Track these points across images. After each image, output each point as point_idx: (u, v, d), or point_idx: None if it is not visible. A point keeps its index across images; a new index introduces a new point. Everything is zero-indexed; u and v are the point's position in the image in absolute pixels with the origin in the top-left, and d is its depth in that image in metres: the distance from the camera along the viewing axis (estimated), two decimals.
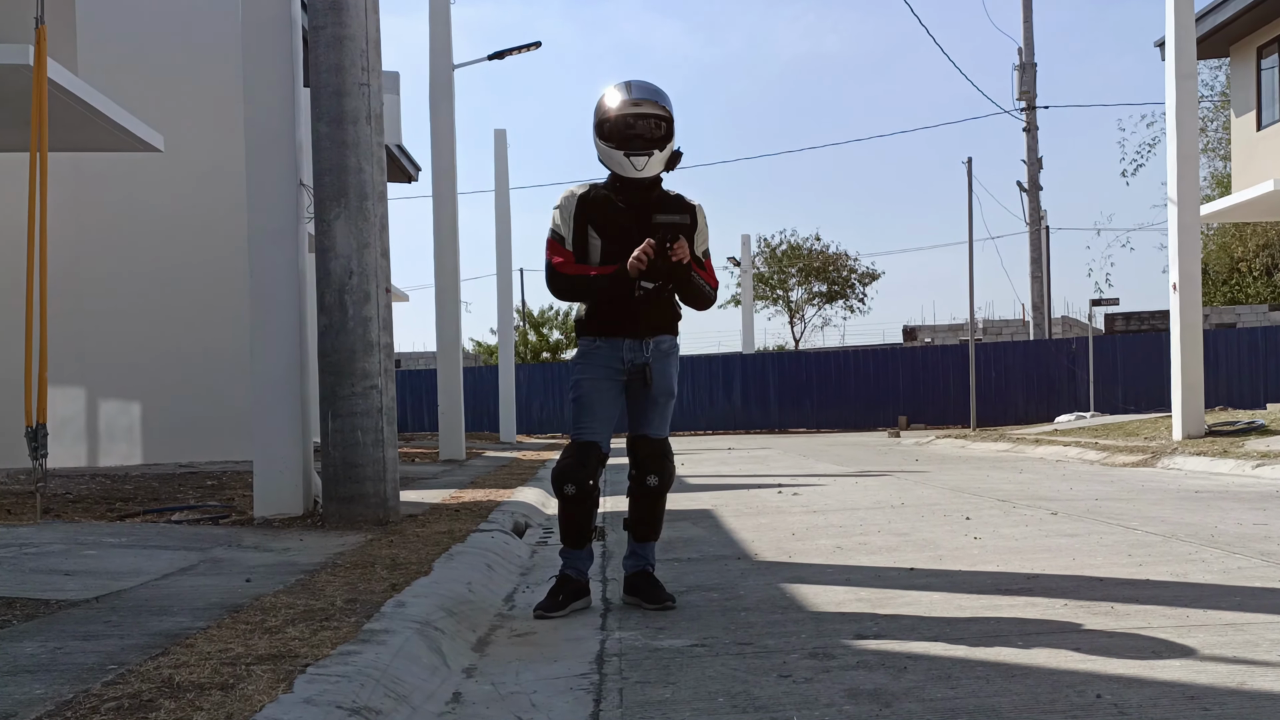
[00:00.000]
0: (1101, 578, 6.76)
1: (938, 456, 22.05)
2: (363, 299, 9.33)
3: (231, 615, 5.33)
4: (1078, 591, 6.32)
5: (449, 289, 21.98)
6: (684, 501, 12.65)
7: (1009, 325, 55.24)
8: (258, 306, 9.93)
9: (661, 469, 6.40)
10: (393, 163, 31.03)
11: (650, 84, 6.32)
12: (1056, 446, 21.46)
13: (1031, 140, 45.25)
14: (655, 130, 6.23)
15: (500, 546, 8.30)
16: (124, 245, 20.11)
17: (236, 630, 4.95)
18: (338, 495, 9.34)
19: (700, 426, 42.80)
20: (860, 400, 42.37)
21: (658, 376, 6.32)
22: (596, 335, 6.34)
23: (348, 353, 9.30)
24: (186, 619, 5.26)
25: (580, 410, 6.34)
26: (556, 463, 6.37)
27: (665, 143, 6.25)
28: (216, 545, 8.03)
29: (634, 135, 6.22)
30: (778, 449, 27.01)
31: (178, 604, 5.67)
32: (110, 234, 20.05)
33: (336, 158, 9.36)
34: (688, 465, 20.19)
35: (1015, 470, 16.89)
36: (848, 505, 11.89)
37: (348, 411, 9.30)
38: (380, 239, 9.45)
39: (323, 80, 9.44)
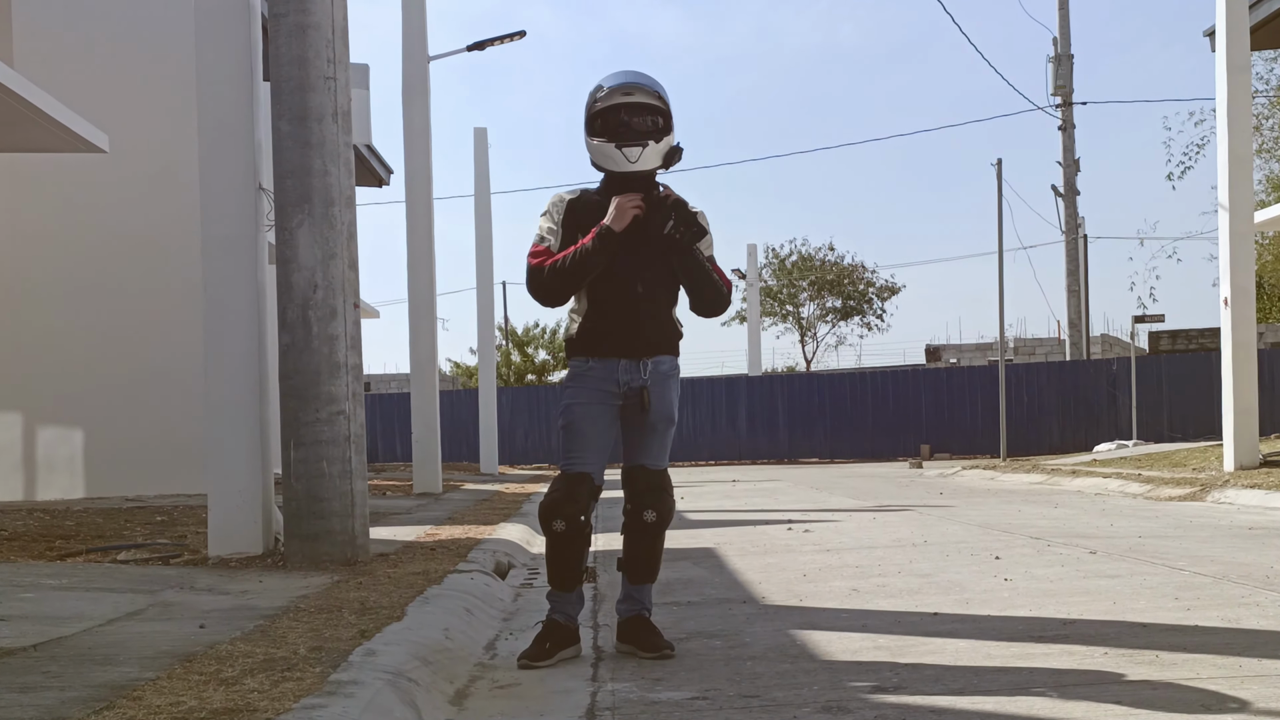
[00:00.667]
0: (1145, 623, 6.76)
1: (964, 489, 22.04)
2: (328, 315, 9.34)
3: (184, 665, 5.32)
4: (1119, 638, 6.32)
5: (424, 304, 21.99)
6: (684, 539, 12.65)
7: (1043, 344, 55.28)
8: (212, 323, 9.93)
9: (660, 503, 6.40)
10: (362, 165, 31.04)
11: (643, 73, 6.34)
12: (1095, 478, 21.45)
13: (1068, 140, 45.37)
14: (648, 121, 6.25)
15: (481, 589, 8.29)
16: (64, 255, 20.09)
17: (189, 681, 4.95)
18: (301, 532, 9.33)
19: (702, 456, 42.81)
20: (878, 427, 42.40)
21: (656, 401, 6.32)
22: (589, 355, 6.33)
23: (312, 375, 9.31)
24: (134, 669, 5.26)
25: (570, 438, 6.34)
26: (544, 496, 6.37)
27: (661, 135, 6.26)
28: (167, 587, 8.02)
29: (626, 126, 6.24)
30: (787, 481, 27.00)
31: (124, 652, 5.66)
32: (49, 243, 20.04)
33: (299, 159, 9.37)
34: (688, 499, 20.18)
35: (1050, 505, 16.89)
36: (864, 543, 11.89)
37: (312, 440, 9.30)
38: (348, 249, 9.46)
39: (284, 73, 9.45)
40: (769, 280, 67.03)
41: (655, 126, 6.24)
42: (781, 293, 67.86)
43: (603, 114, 6.26)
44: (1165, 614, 7.06)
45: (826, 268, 67.49)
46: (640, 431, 6.37)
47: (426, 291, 22.02)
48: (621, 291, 6.26)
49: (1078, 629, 6.66)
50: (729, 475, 31.73)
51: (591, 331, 6.32)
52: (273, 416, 10.04)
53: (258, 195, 9.95)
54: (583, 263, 6.19)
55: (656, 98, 6.24)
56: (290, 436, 9.34)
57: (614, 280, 6.25)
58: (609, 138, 6.25)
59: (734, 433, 43.28)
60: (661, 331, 6.36)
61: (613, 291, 6.27)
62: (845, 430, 42.66)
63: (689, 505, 18.56)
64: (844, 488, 23.16)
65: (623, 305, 6.27)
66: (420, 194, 22.27)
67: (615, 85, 6.24)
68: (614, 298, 6.27)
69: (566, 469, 6.32)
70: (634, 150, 6.22)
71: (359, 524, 9.45)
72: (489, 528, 12.93)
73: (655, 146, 6.23)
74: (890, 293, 68.00)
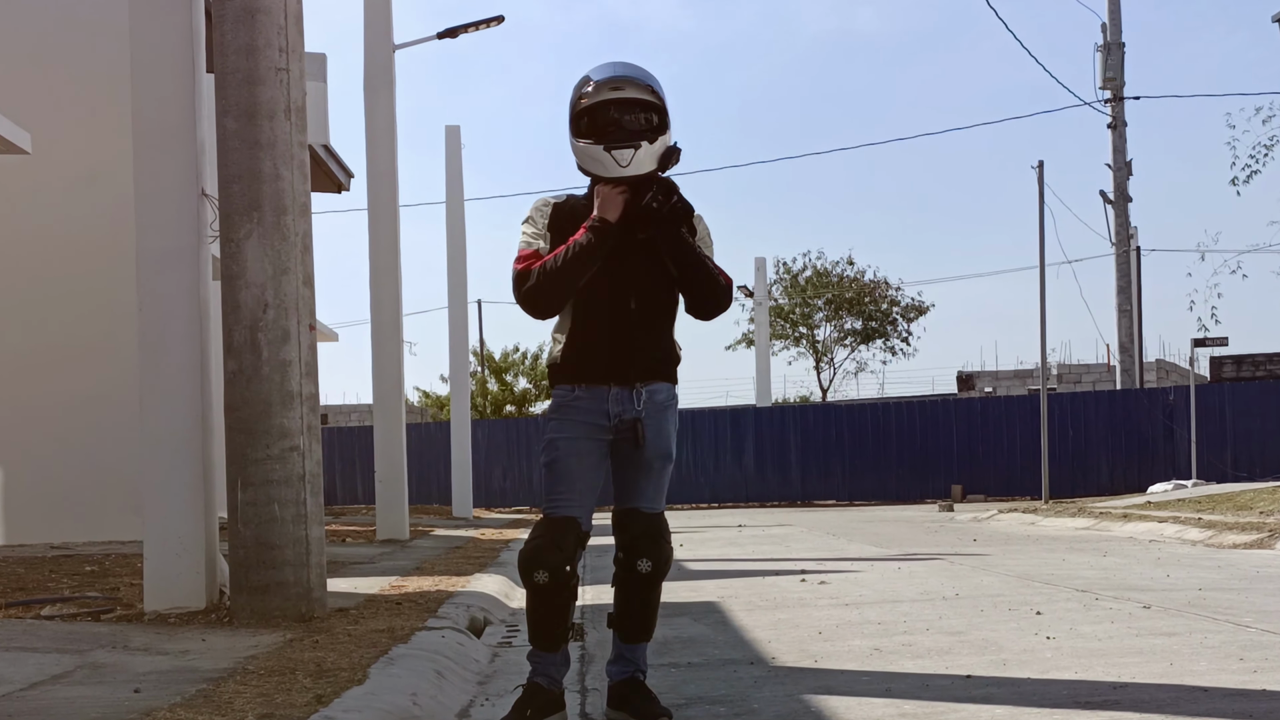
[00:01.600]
0: (1206, 688, 6.76)
1: (1001, 535, 22.04)
2: (280, 338, 9.35)
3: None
4: (1176, 705, 6.32)
5: (389, 325, 22.00)
6: (683, 592, 12.65)
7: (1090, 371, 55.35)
8: (148, 348, 9.93)
9: (656, 551, 6.39)
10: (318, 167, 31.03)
11: (634, 65, 6.33)
12: (1150, 523, 21.46)
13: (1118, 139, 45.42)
14: (641, 120, 6.25)
15: (453, 648, 8.29)
16: None
17: None
18: (249, 584, 9.33)
19: (704, 498, 42.79)
20: (904, 465, 42.37)
21: (652, 435, 6.32)
22: (575, 382, 6.33)
23: (262, 405, 9.32)
24: None
25: (554, 478, 6.33)
26: (525, 544, 6.36)
27: (655, 134, 6.25)
28: (98, 647, 8.01)
29: (616, 125, 6.23)
30: (800, 526, 26.99)
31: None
32: None
33: (248, 161, 9.39)
34: (688, 546, 20.18)
35: (1098, 553, 16.90)
36: (888, 596, 11.89)
37: (262, 479, 9.30)
38: (302, 263, 9.48)
39: (230, 64, 9.48)
40: (780, 299, 67.11)
41: (649, 125, 6.23)
42: (794, 313, 67.95)
43: (589, 112, 6.25)
44: (1229, 677, 7.07)
45: (845, 284, 67.58)
46: (633, 470, 6.37)
47: (392, 311, 22.03)
48: (612, 308, 6.25)
49: (1129, 694, 6.67)
50: (734, 519, 31.71)
51: (578, 355, 6.31)
52: (217, 453, 10.04)
53: (200, 202, 9.96)
54: (576, 260, 6.16)
55: (650, 92, 6.23)
56: (237, 475, 9.34)
57: (603, 295, 6.24)
58: (596, 139, 6.24)
59: (740, 471, 43.26)
60: (658, 355, 6.35)
61: (602, 308, 6.26)
62: (866, 469, 42.63)
63: (689, 553, 18.56)
64: (864, 534, 23.16)
65: (613, 324, 6.26)
66: (385, 200, 22.28)
67: (603, 79, 6.22)
68: (603, 315, 6.26)
69: (550, 512, 6.32)
70: (624, 153, 6.19)
71: (315, 575, 9.45)
72: (462, 579, 12.92)
73: (649, 148, 6.21)
74: (917, 313, 68.14)
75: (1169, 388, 42.73)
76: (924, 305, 68.65)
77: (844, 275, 68.07)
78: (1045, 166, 33.47)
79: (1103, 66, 45.02)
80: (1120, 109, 45.42)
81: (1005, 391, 53.83)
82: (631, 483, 6.38)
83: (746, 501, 42.67)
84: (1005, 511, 29.08)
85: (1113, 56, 45.01)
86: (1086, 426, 41.11)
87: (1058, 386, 52.25)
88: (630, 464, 6.35)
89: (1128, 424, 40.95)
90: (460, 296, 33.15)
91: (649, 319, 6.30)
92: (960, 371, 59.17)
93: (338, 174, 33.22)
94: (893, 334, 68.13)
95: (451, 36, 26.95)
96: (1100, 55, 45.10)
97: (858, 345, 68.63)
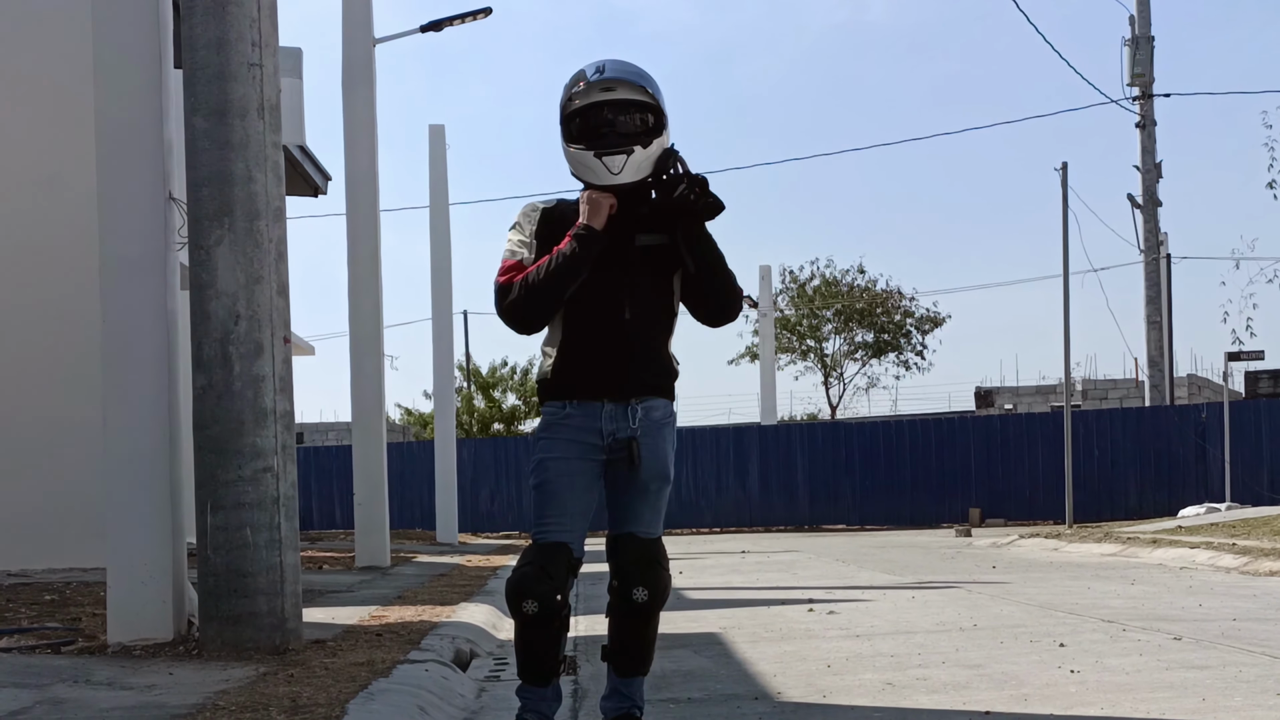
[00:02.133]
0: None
1: (1022, 562, 22.06)
2: (253, 352, 9.35)
3: None
4: None
5: (368, 338, 21.99)
6: (683, 622, 12.66)
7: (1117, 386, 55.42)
8: (112, 362, 9.94)
9: (653, 579, 6.39)
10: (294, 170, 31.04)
11: (627, 63, 6.34)
12: (1181, 549, 21.46)
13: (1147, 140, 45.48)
14: (636, 121, 6.26)
15: (437, 683, 8.29)
16: None
17: None
18: (220, 614, 9.33)
19: (704, 522, 42.77)
20: (918, 487, 42.37)
21: (648, 455, 6.32)
22: (566, 398, 6.34)
23: (233, 423, 9.32)
24: None
25: (545, 500, 6.34)
26: (512, 571, 6.37)
27: (650, 138, 6.26)
28: (58, 681, 8.01)
29: (609, 128, 6.24)
30: (808, 552, 27.00)
31: None
32: None
33: (218, 163, 9.40)
34: (688, 574, 20.19)
35: (1125, 581, 16.91)
36: (902, 627, 11.90)
37: (233, 502, 9.30)
38: (277, 271, 9.48)
39: (199, 59, 9.48)
40: (786, 309, 67.12)
41: (644, 127, 6.24)
42: (801, 324, 67.99)
43: (581, 114, 6.27)
44: (1265, 713, 7.08)
45: (855, 294, 67.64)
46: (629, 492, 6.37)
47: (372, 323, 22.02)
48: (605, 319, 6.26)
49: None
50: (737, 545, 31.72)
51: (569, 369, 6.32)
52: (186, 474, 10.04)
53: (167, 206, 9.96)
54: (560, 271, 6.17)
55: (644, 92, 6.24)
56: (207, 498, 9.34)
57: (596, 305, 6.25)
58: (588, 143, 6.25)
59: (743, 494, 43.25)
60: (654, 368, 6.36)
61: (594, 319, 6.27)
62: (878, 491, 42.61)
63: (689, 581, 18.57)
64: (876, 560, 23.18)
65: (607, 336, 6.26)
66: (364, 205, 22.27)
67: (594, 79, 6.24)
68: (596, 327, 6.27)
69: (539, 538, 6.32)
70: (616, 159, 6.21)
71: (290, 604, 9.44)
72: (447, 608, 12.93)
73: (644, 153, 6.22)
74: (933, 324, 68.16)
75: (1201, 405, 42.75)
76: (940, 317, 68.72)
77: (854, 284, 68.16)
78: (1069, 168, 33.48)
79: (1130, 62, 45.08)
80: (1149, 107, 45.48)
81: (1026, 409, 53.87)
82: (627, 506, 6.39)
83: (750, 526, 42.64)
84: (1026, 537, 29.07)
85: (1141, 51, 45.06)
86: (1113, 446, 41.11)
87: (1082, 403, 52.25)
88: (625, 486, 6.36)
89: (1157, 443, 40.93)
90: (445, 307, 33.12)
91: (645, 330, 6.30)
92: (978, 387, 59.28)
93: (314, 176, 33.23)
94: (906, 347, 68.20)
95: (436, 30, 26.94)
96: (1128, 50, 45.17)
97: (869, 359, 68.71)
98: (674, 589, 7.97)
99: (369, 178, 22.30)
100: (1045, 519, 39.50)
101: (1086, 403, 52.92)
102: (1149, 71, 45.21)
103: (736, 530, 42.11)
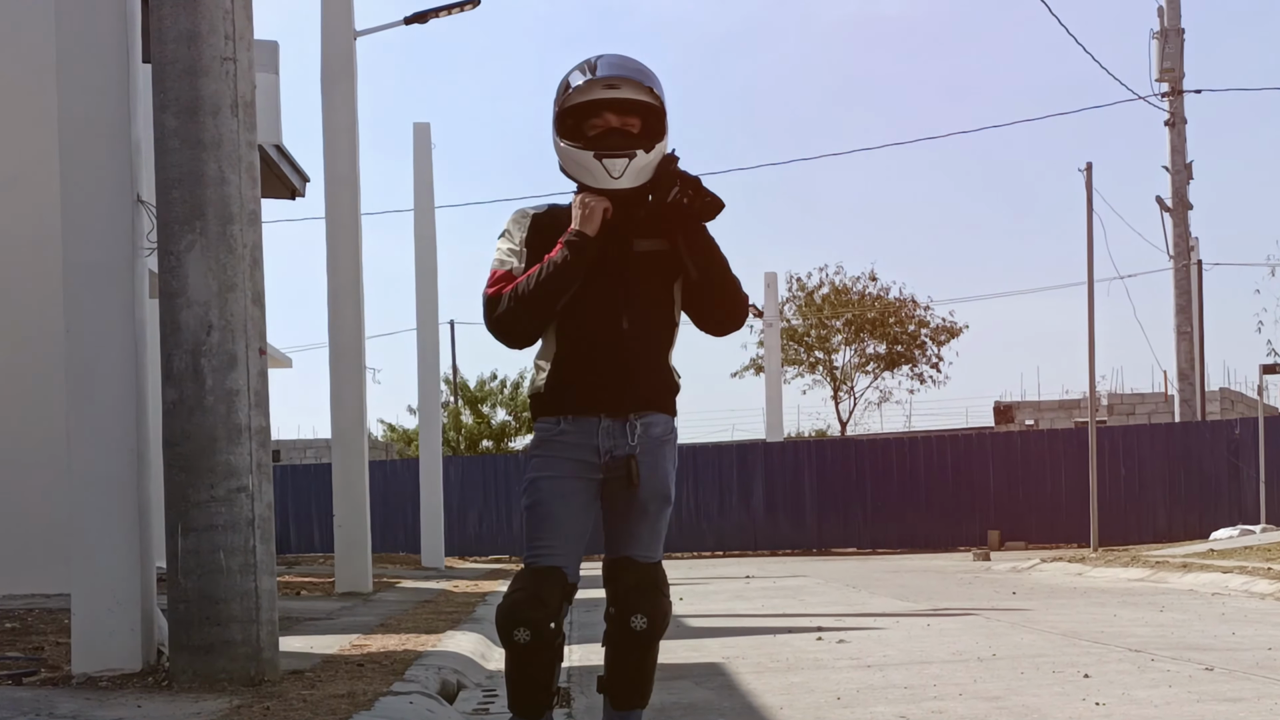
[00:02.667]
0: None
1: (1044, 588, 22.07)
2: (226, 364, 9.35)
3: None
4: None
5: (349, 350, 21.98)
6: (684, 652, 12.66)
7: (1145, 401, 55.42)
8: (76, 374, 9.93)
9: (652, 605, 6.39)
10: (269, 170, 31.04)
11: (629, 59, 6.32)
12: (1213, 574, 21.48)
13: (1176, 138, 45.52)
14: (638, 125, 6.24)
15: (421, 716, 8.30)
16: None
17: None
18: (191, 643, 9.32)
19: (706, 546, 42.79)
20: (934, 508, 42.38)
21: (647, 474, 6.31)
22: (560, 413, 6.33)
23: (205, 440, 9.31)
24: None
25: (538, 522, 6.33)
26: (503, 598, 6.36)
27: (653, 141, 6.25)
28: (19, 714, 8.01)
29: (607, 129, 6.23)
30: (817, 577, 27.02)
31: None
32: None
33: (189, 163, 9.39)
34: (689, 600, 20.20)
35: (1154, 608, 16.92)
36: (916, 657, 11.90)
37: (205, 524, 9.29)
38: (252, 279, 9.48)
39: (169, 53, 9.48)
40: (792, 319, 67.13)
41: (646, 131, 6.22)
42: (809, 335, 68.02)
43: (577, 111, 6.25)
44: None
45: (866, 303, 67.66)
46: (627, 514, 6.37)
47: (353, 333, 22.01)
48: (602, 329, 6.25)
49: None
50: (742, 570, 31.74)
51: (563, 383, 6.31)
52: (155, 495, 10.03)
53: (135, 209, 9.96)
54: (551, 281, 6.15)
55: (649, 93, 6.22)
56: (178, 520, 9.33)
57: (592, 314, 6.24)
58: (585, 143, 6.23)
59: (748, 515, 43.26)
60: (654, 382, 6.35)
61: (590, 330, 6.26)
62: (891, 512, 42.63)
63: (690, 608, 18.58)
64: (889, 586, 23.20)
65: (604, 348, 6.25)
66: (345, 208, 22.26)
67: (595, 76, 6.21)
68: (592, 339, 6.26)
69: (532, 562, 6.32)
70: (617, 163, 6.18)
71: (265, 632, 9.44)
72: (433, 637, 12.93)
73: (645, 158, 6.20)
74: (949, 335, 68.20)
75: (1234, 420, 42.75)
76: (956, 327, 68.78)
77: (865, 292, 68.18)
78: (1094, 169, 33.54)
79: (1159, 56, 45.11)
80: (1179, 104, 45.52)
81: (1049, 425, 53.85)
82: (625, 528, 6.38)
83: (755, 549, 42.68)
84: (1049, 560, 29.11)
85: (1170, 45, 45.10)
86: (1141, 464, 41.12)
87: (1108, 419, 52.27)
88: (623, 507, 6.35)
89: (1188, 461, 40.94)
90: (430, 317, 33.13)
91: (644, 341, 6.29)
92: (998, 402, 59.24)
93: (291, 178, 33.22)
94: (921, 359, 68.22)
95: (421, 22, 26.96)
96: (1156, 43, 45.21)
97: (881, 372, 68.74)
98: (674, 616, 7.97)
99: (350, 179, 22.29)
100: (1068, 542, 39.50)
101: (1112, 418, 52.93)
102: (1179, 66, 45.25)
103: (740, 554, 42.15)
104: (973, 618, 15.95)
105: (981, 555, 34.56)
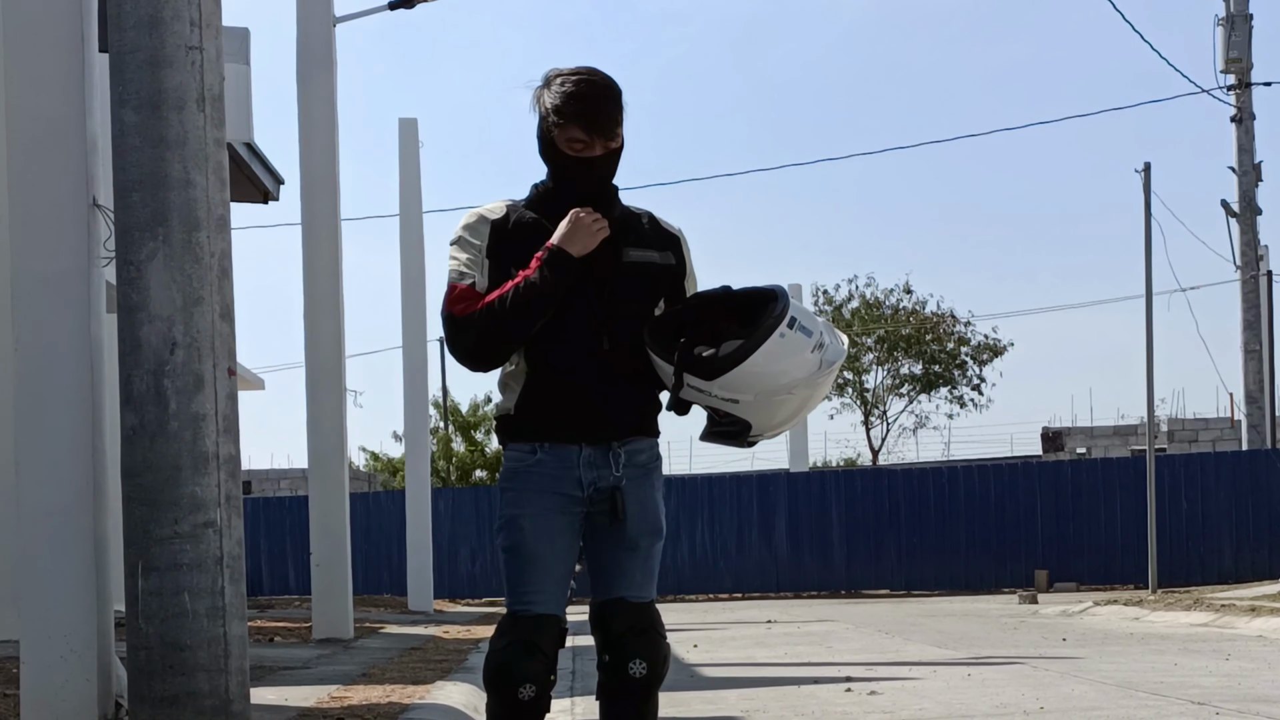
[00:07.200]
0: None
1: (1097, 634, 22.07)
2: (192, 386, 9.35)
3: None
4: None
5: (328, 370, 21.97)
6: (698, 704, 12.65)
7: (1210, 427, 55.39)
8: (26, 397, 9.94)
9: (650, 649, 6.36)
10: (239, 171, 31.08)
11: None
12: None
13: (1244, 136, 45.45)
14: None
15: None
16: None
17: None
18: (153, 694, 9.32)
19: (723, 587, 42.66)
20: (975, 545, 42.35)
21: (635, 507, 6.29)
22: (535, 440, 6.31)
23: (169, 470, 9.31)
24: None
25: (522, 566, 6.32)
26: (492, 652, 6.33)
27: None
28: None
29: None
30: (845, 621, 27.03)
31: None
32: None
33: (151, 163, 9.40)
34: (704, 647, 20.20)
35: (1219, 655, 16.91)
36: (955, 710, 11.91)
37: (169, 563, 9.29)
38: (220, 291, 9.48)
39: (129, 41, 9.49)
40: None
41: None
42: None
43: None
44: None
45: (900, 318, 67.67)
46: (615, 550, 6.35)
47: (332, 352, 22.00)
48: (579, 347, 6.23)
49: None
50: (762, 614, 31.75)
51: (536, 406, 6.28)
52: (113, 530, 10.03)
53: (91, 214, 9.98)
54: (527, 305, 6.14)
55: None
56: (138, 558, 9.33)
57: (568, 331, 6.22)
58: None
59: (769, 553, 43.17)
60: (636, 404, 6.33)
61: (566, 350, 6.23)
62: (927, 550, 42.59)
63: (705, 656, 18.56)
64: (926, 631, 23.20)
65: (581, 370, 6.23)
66: (323, 212, 22.24)
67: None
68: (569, 357, 6.23)
69: (522, 610, 6.29)
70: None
71: (235, 682, 9.44)
72: (420, 688, 12.94)
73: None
74: (992, 354, 68.20)
75: None
76: (1000, 345, 68.76)
77: (899, 307, 68.24)
78: (1152, 170, 33.53)
79: (1224, 45, 45.00)
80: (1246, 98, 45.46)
81: (1102, 453, 53.87)
82: (614, 566, 6.36)
83: (777, 591, 42.60)
84: (1102, 603, 29.12)
85: (1237, 32, 44.99)
86: (1205, 497, 41.08)
87: (1168, 447, 52.25)
88: (610, 543, 6.33)
89: (1256, 493, 40.89)
90: (418, 334, 33.07)
91: (626, 364, 6.26)
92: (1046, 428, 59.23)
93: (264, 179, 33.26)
94: (961, 381, 68.24)
95: (407, 6, 26.96)
96: (1221, 31, 45.09)
97: (917, 395, 68.78)
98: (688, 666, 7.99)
99: (328, 180, 22.25)
100: (1124, 583, 39.50)
101: (1173, 446, 52.90)
102: (1246, 57, 45.15)
103: (761, 596, 42.09)
104: (1018, 667, 15.95)
105: (1028, 597, 34.56)
